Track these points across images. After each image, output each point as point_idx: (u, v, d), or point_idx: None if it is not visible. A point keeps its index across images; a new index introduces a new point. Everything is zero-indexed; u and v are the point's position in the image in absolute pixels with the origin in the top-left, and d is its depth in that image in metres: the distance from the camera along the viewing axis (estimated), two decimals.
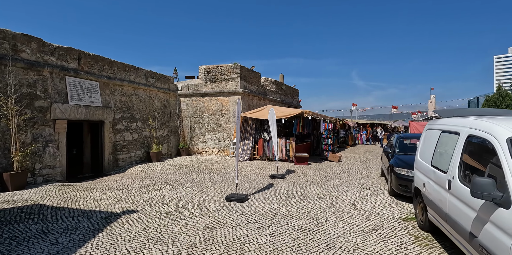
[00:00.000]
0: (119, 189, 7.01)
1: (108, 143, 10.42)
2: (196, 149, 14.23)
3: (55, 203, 5.72)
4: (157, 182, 7.92)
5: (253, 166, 10.91)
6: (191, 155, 13.98)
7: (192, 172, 9.61)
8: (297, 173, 9.37)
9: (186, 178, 8.48)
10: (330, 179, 8.22)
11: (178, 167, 10.73)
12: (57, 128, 8.53)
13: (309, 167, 10.58)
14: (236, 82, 13.74)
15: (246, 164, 11.33)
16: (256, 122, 12.78)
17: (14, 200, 5.81)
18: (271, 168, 10.39)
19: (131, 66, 11.74)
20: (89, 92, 9.70)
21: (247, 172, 9.57)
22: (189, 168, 10.53)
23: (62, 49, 8.90)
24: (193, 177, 8.68)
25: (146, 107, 12.43)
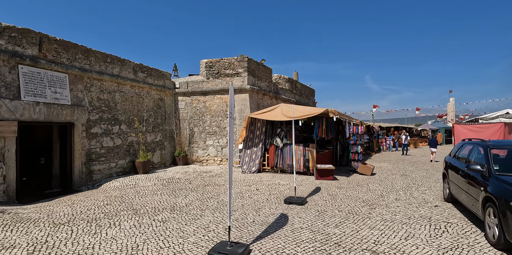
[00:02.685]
0: (59, 222, 4.78)
1: (80, 150, 8.31)
2: (195, 157, 11.98)
3: None
4: (124, 208, 5.66)
5: (262, 181, 8.52)
6: (189, 165, 11.74)
7: (181, 190, 7.32)
8: (322, 194, 6.91)
9: (167, 202, 6.19)
10: (374, 207, 5.70)
11: (167, 182, 8.48)
12: (2, 131, 6.47)
13: (335, 184, 8.09)
14: (243, 77, 11.48)
15: (253, 179, 8.96)
16: (267, 124, 10.43)
17: None
18: (285, 185, 7.97)
19: (115, 57, 9.69)
20: (53, 86, 7.65)
21: (253, 191, 7.19)
22: (180, 183, 8.26)
23: (15, 30, 6.90)
24: (178, 200, 6.38)
25: (134, 107, 10.32)
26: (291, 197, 6.14)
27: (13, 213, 5.32)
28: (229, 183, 3.80)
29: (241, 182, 8.35)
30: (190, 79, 12.75)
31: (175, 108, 12.34)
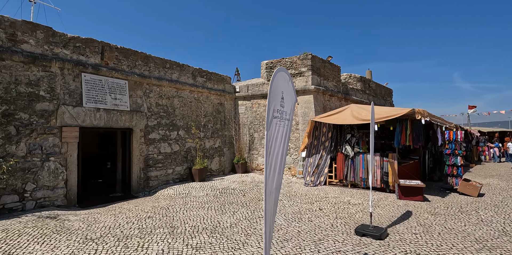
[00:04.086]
0: (91, 237, 4.39)
1: (138, 156, 8.30)
2: (255, 165, 11.18)
3: None
4: (162, 224, 5.07)
5: (328, 198, 7.12)
6: (248, 173, 10.98)
7: (231, 205, 6.49)
8: (410, 222, 5.20)
9: (211, 220, 5.41)
10: (497, 252, 3.85)
11: (220, 192, 7.80)
12: (65, 137, 6.70)
13: (427, 207, 6.17)
14: (306, 77, 10.26)
15: (317, 194, 7.61)
16: (334, 129, 8.96)
17: None
18: (357, 204, 6.43)
19: (174, 63, 9.62)
20: (113, 93, 7.78)
21: (314, 212, 5.89)
22: (233, 196, 7.47)
23: (80, 40, 7.19)
24: (224, 217, 5.53)
25: (193, 112, 10.10)
26: (365, 226, 4.66)
27: (61, 219, 5.23)
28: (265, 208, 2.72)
29: (302, 197, 7.12)
30: (251, 82, 12.11)
31: (235, 113, 11.82)
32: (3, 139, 5.73)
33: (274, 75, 3.07)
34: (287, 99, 3.14)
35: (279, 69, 3.10)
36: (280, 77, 3.14)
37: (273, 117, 3.13)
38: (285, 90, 3.09)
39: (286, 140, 3.46)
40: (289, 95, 3.34)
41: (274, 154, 3.36)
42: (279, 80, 3.11)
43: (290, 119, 3.56)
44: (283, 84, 3.16)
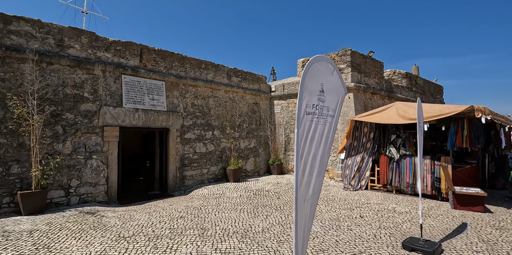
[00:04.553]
0: (124, 235, 4.43)
1: (174, 155, 8.44)
2: (291, 167, 10.81)
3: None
4: (193, 225, 4.98)
5: (370, 204, 6.54)
6: (284, 174, 10.66)
7: (264, 208, 6.24)
8: (469, 237, 4.51)
9: (242, 223, 5.21)
10: None
11: (254, 194, 7.60)
12: (106, 136, 7.00)
13: (490, 220, 5.34)
14: (346, 74, 9.66)
15: (358, 199, 7.05)
16: (376, 129, 8.29)
17: None
18: (404, 213, 5.80)
19: (209, 63, 9.66)
20: (151, 94, 7.99)
21: (355, 219, 5.41)
22: (267, 198, 7.22)
23: (120, 43, 7.49)
24: (257, 221, 5.30)
25: (228, 112, 10.06)
26: (414, 239, 4.10)
27: (100, 216, 5.41)
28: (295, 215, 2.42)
29: (340, 202, 6.63)
30: (287, 81, 11.78)
31: (271, 113, 11.57)
32: (51, 137, 6.12)
33: (310, 64, 2.71)
34: (330, 92, 2.78)
35: (318, 57, 2.75)
36: (320, 66, 2.79)
37: (305, 113, 2.81)
38: (326, 82, 2.75)
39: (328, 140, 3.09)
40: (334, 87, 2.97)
41: (310, 156, 3.00)
42: (317, 70, 2.77)
43: (335, 116, 3.16)
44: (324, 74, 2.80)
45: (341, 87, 2.92)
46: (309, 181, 3.03)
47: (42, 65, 6.13)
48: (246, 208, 6.14)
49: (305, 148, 2.90)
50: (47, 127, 6.06)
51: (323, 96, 2.65)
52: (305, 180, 2.98)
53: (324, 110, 2.68)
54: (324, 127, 2.69)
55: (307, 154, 2.98)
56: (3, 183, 5.49)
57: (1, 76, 5.65)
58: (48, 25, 6.35)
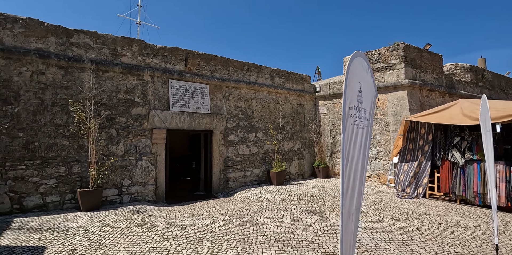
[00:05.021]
0: (167, 236, 4.53)
1: (218, 157, 8.55)
2: (338, 170, 10.26)
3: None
4: (234, 230, 4.91)
5: (429, 214, 5.84)
6: (330, 178, 10.15)
7: (308, 214, 5.95)
8: None
9: (284, 230, 5.00)
10: None
11: (298, 198, 7.33)
12: (155, 138, 7.34)
13: None
14: (398, 70, 8.86)
15: (414, 208, 6.36)
16: (436, 131, 7.42)
17: (44, 229, 4.46)
18: (472, 228, 5.05)
19: (252, 64, 9.64)
20: (195, 97, 8.21)
21: (411, 232, 4.86)
22: (311, 203, 6.90)
23: (167, 50, 7.83)
24: (300, 228, 5.05)
25: (271, 114, 9.92)
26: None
27: (148, 215, 5.66)
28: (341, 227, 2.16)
29: (394, 211, 6.03)
30: (332, 80, 11.25)
31: (315, 114, 11.15)
32: (106, 140, 6.60)
33: (351, 61, 2.44)
34: (366, 92, 2.48)
35: (356, 53, 2.47)
36: (357, 63, 2.50)
37: (349, 115, 2.53)
38: (363, 81, 2.44)
39: (366, 145, 2.78)
40: (368, 87, 2.66)
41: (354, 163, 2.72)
42: (356, 68, 2.48)
43: (370, 119, 2.85)
44: (361, 73, 2.51)
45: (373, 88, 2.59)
46: (353, 189, 2.73)
47: (98, 73, 6.65)
48: (289, 213, 5.91)
49: (349, 154, 2.62)
50: (103, 130, 6.55)
51: (361, 97, 2.35)
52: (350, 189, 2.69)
53: (362, 113, 2.38)
54: (362, 131, 2.39)
55: (351, 160, 2.69)
56: (66, 181, 6.06)
57: (65, 85, 6.26)
58: (103, 36, 6.88)
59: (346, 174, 2.57)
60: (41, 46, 6.07)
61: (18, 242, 4.02)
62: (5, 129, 5.57)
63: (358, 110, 2.66)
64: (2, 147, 5.52)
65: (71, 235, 4.38)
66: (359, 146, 2.81)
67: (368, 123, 2.72)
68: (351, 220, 2.68)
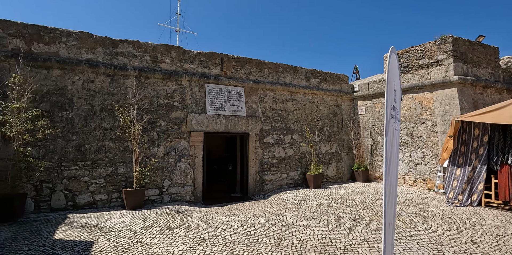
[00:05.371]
0: (203, 237, 4.61)
1: (254, 159, 8.57)
2: (379, 174, 9.72)
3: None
4: (270, 233, 4.86)
5: (485, 225, 5.27)
6: (371, 182, 9.64)
7: (347, 220, 5.69)
8: None
9: (321, 236, 4.84)
10: None
11: (336, 203, 7.06)
12: (193, 141, 7.59)
13: None
14: (446, 65, 8.17)
15: (467, 217, 5.78)
16: (492, 131, 6.69)
17: (99, 226, 4.81)
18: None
19: (287, 66, 9.56)
20: (231, 100, 8.34)
21: (464, 245, 4.41)
22: (350, 208, 6.60)
23: (203, 55, 8.07)
24: (338, 235, 4.85)
25: (307, 115, 9.73)
26: None
27: (186, 215, 5.83)
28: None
29: (443, 220, 5.54)
30: (372, 79, 10.72)
31: (354, 115, 10.70)
32: (148, 142, 6.96)
33: (390, 57, 2.29)
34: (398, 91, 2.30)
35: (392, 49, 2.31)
36: (394, 60, 2.34)
37: (390, 116, 2.37)
38: (396, 80, 2.27)
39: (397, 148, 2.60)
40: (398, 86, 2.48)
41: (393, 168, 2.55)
42: (393, 65, 2.32)
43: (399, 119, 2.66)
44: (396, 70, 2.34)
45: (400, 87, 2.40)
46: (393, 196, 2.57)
47: (141, 79, 7.06)
48: (327, 218, 5.71)
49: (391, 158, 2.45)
50: (145, 133, 6.92)
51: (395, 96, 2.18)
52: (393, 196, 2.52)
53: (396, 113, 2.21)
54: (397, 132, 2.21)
55: (392, 165, 2.51)
56: (113, 181, 6.50)
57: (111, 91, 6.73)
58: (145, 45, 7.29)
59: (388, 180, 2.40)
60: (91, 57, 6.61)
61: (70, 237, 4.38)
62: (61, 133, 6.14)
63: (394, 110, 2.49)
64: (59, 149, 6.09)
65: (116, 232, 4.67)
66: (396, 149, 2.63)
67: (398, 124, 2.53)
68: (390, 229, 2.50)
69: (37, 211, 5.78)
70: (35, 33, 6.12)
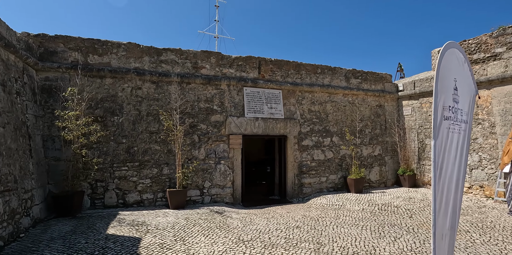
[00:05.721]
0: (244, 239, 4.67)
1: (292, 162, 8.50)
2: (428, 179, 9.03)
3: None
4: (309, 238, 4.77)
5: None
6: (418, 188, 9.00)
7: (392, 227, 5.38)
8: None
9: (363, 243, 4.64)
10: None
11: (379, 209, 6.71)
12: (232, 144, 7.76)
13: None
14: (505, 60, 7.36)
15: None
16: None
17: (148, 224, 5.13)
18: None
19: (325, 67, 9.36)
20: (269, 103, 8.38)
21: None
22: (395, 215, 6.23)
23: (241, 59, 8.24)
24: (382, 243, 4.61)
25: (347, 117, 9.41)
26: None
27: (225, 216, 5.97)
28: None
29: (505, 232, 4.98)
30: (418, 77, 10.04)
31: (398, 115, 10.10)
32: (190, 145, 7.27)
33: (443, 53, 2.12)
34: (463, 90, 2.11)
35: (450, 44, 2.13)
36: (451, 56, 2.16)
37: (442, 118, 2.19)
38: (459, 77, 2.08)
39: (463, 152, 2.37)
40: (466, 83, 2.28)
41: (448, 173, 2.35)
42: (450, 61, 2.14)
43: (469, 121, 2.41)
44: (456, 67, 2.15)
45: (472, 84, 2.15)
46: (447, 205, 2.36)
47: (182, 85, 7.41)
48: (370, 225, 5.45)
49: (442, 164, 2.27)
50: (187, 136, 7.23)
51: (457, 95, 2.00)
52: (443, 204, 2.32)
53: (458, 114, 2.03)
54: (459, 136, 2.03)
55: (444, 171, 2.32)
56: (158, 182, 6.89)
57: (156, 97, 7.16)
58: (186, 52, 7.65)
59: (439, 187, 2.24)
60: (138, 65, 7.10)
61: (121, 232, 4.73)
62: (113, 136, 6.68)
63: (453, 111, 2.29)
64: (111, 151, 6.63)
65: (161, 230, 4.93)
66: (455, 154, 2.41)
67: (465, 126, 2.31)
68: (445, 241, 2.31)
69: (92, 207, 6.34)
70: (91, 46, 6.76)
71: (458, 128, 2.10)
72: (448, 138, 2.03)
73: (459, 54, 2.12)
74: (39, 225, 5.05)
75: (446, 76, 1.99)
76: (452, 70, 2.01)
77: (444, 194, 2.36)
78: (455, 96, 2.08)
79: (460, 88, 2.07)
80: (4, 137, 4.47)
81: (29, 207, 4.99)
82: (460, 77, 2.07)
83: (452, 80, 2.02)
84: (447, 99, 2.04)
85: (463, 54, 2.16)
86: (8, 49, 4.93)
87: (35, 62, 5.94)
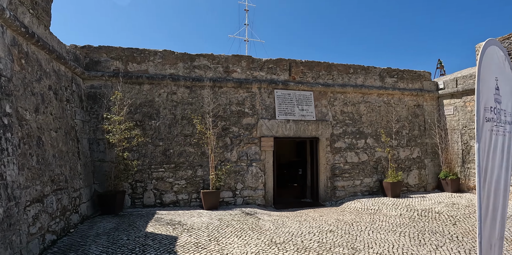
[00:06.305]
0: (275, 241, 4.68)
1: (324, 165, 8.35)
2: (473, 184, 8.36)
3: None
4: (343, 243, 4.66)
5: None
6: (462, 193, 8.38)
7: (434, 235, 5.08)
8: None
9: (402, 251, 4.44)
10: None
11: (419, 215, 6.36)
12: (263, 146, 7.81)
13: None
14: None
15: None
16: None
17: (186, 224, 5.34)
18: None
19: (358, 66, 9.10)
20: (300, 105, 8.33)
21: None
22: (437, 222, 5.87)
23: (271, 62, 8.29)
24: (422, 251, 4.38)
25: (382, 118, 9.05)
26: None
27: (257, 218, 6.02)
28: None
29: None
30: (461, 73, 9.39)
31: (439, 115, 9.51)
32: (222, 147, 7.44)
33: (483, 51, 2.00)
34: (505, 89, 1.97)
35: (490, 41, 2.01)
36: (492, 54, 2.03)
37: (484, 119, 2.07)
38: (500, 76, 1.95)
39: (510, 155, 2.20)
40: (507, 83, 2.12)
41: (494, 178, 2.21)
42: (491, 59, 2.01)
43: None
44: (497, 65, 2.02)
45: None
46: (494, 212, 2.21)
47: (215, 89, 7.62)
48: (408, 231, 5.19)
49: (487, 168, 2.13)
50: (219, 139, 7.42)
51: (498, 95, 1.88)
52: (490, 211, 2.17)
53: (502, 115, 1.90)
54: (504, 138, 1.89)
55: (490, 175, 2.18)
56: (192, 183, 7.13)
57: (190, 101, 7.44)
58: (217, 57, 7.86)
59: (484, 193, 2.10)
60: (173, 71, 7.44)
61: (159, 231, 4.97)
62: (151, 139, 7.04)
63: (496, 112, 2.15)
64: (149, 153, 6.99)
65: (196, 229, 5.11)
66: (501, 157, 2.25)
67: (510, 127, 2.15)
68: (494, 251, 2.15)
69: (132, 206, 6.73)
70: (130, 55, 7.20)
71: (502, 130, 1.96)
72: (491, 140, 1.91)
73: (500, 51, 1.98)
74: (86, 222, 5.48)
75: (487, 74, 1.87)
76: (492, 68, 1.89)
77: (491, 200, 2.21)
78: (497, 96, 1.94)
79: (501, 87, 1.93)
80: (56, 140, 4.92)
81: (77, 204, 5.43)
82: (501, 76, 1.94)
83: (493, 79, 1.90)
84: (489, 99, 1.91)
85: (503, 51, 2.02)
86: (59, 60, 5.43)
87: (82, 71, 6.47)
